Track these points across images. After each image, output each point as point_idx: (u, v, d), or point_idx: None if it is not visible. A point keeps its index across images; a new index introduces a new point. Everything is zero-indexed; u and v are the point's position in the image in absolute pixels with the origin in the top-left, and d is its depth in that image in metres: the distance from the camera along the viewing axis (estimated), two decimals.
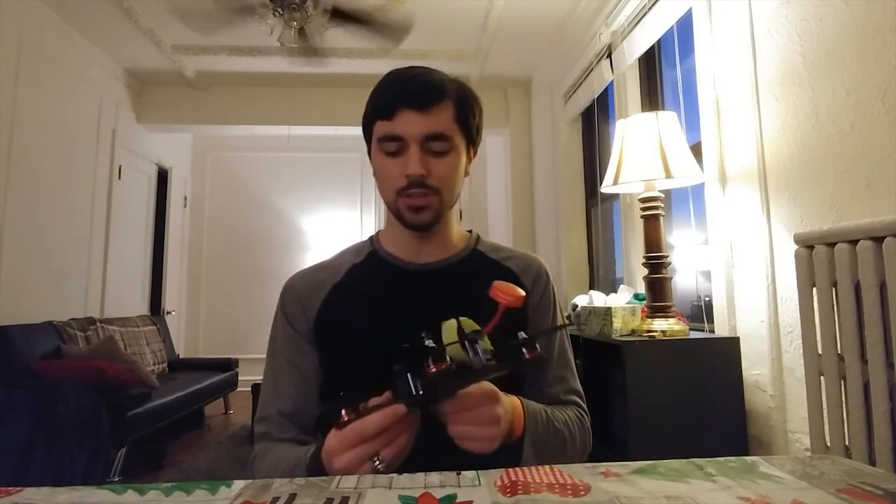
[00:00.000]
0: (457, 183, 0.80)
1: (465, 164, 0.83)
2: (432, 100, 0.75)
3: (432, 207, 0.77)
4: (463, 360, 0.55)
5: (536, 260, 0.90)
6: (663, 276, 1.69)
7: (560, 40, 3.47)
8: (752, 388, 1.63)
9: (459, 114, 0.77)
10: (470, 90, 0.82)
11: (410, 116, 0.74)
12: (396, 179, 0.76)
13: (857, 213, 1.27)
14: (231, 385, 4.21)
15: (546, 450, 0.73)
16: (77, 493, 0.45)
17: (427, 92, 0.75)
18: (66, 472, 2.32)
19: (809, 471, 0.48)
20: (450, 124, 0.76)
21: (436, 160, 0.76)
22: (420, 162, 0.74)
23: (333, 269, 0.85)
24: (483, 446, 0.62)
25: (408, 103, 0.74)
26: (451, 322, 0.59)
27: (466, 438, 0.61)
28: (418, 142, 0.74)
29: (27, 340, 2.78)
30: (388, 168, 0.77)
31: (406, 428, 0.57)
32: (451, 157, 0.77)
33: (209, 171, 5.55)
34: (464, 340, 0.56)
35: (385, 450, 0.55)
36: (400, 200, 0.77)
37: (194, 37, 3.50)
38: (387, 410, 0.54)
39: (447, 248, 0.85)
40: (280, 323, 0.84)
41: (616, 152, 1.78)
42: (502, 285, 0.61)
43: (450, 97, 0.76)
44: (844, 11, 1.31)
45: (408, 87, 0.76)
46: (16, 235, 2.93)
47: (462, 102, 0.78)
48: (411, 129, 0.74)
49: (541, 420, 0.74)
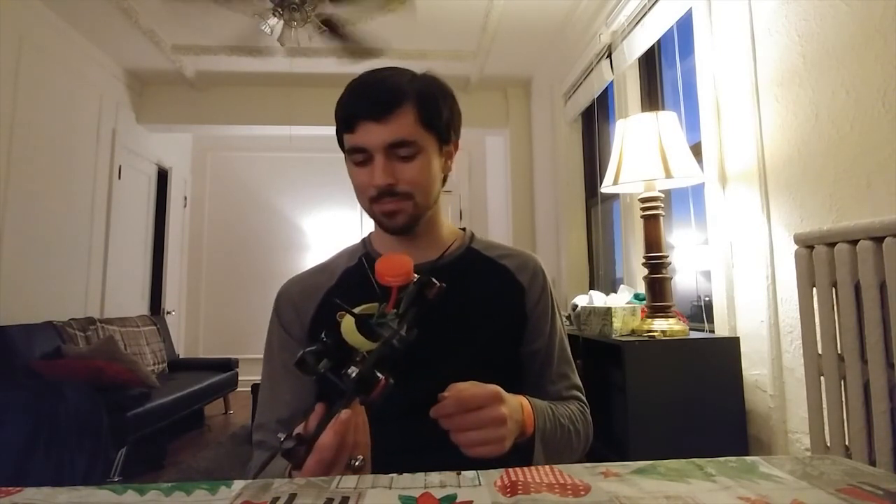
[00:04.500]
0: (430, 184, 0.78)
1: (443, 162, 0.82)
2: (390, 107, 0.73)
3: (405, 212, 0.77)
4: (379, 345, 0.53)
5: (533, 258, 0.89)
6: (663, 276, 1.69)
7: (560, 40, 3.47)
8: (752, 388, 1.63)
9: (423, 115, 0.75)
10: (437, 85, 0.79)
11: (370, 127, 0.73)
12: (367, 189, 0.76)
13: (857, 213, 1.27)
14: (231, 385, 4.21)
15: (555, 446, 0.73)
16: (77, 493, 0.45)
17: (384, 101, 0.73)
18: (66, 472, 2.32)
19: (809, 471, 0.48)
20: (412, 129, 0.74)
21: (403, 165, 0.75)
22: (385, 171, 0.73)
23: (328, 273, 0.85)
24: (493, 449, 0.61)
25: (365, 114, 0.73)
26: (346, 319, 0.57)
27: (475, 444, 0.61)
28: (382, 151, 0.73)
29: (27, 340, 2.78)
30: (358, 178, 0.77)
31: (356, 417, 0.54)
32: (419, 161, 0.75)
33: (209, 171, 5.55)
34: (367, 327, 0.55)
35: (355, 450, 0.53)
36: (374, 207, 0.78)
37: (194, 37, 3.51)
38: (334, 425, 0.50)
39: (438, 247, 0.84)
40: (275, 329, 0.84)
41: (616, 152, 1.78)
42: (385, 268, 0.59)
43: (409, 100, 0.74)
44: (844, 11, 1.31)
45: (364, 98, 0.75)
46: (16, 235, 2.93)
47: (425, 102, 0.76)
48: (372, 139, 0.73)
49: (548, 417, 0.74)
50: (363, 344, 0.54)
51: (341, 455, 0.51)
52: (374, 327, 0.55)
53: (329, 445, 0.50)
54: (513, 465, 0.51)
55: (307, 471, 0.50)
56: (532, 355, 0.84)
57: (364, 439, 0.55)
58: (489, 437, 0.61)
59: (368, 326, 0.55)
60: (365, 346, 0.54)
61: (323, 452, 0.50)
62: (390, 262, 0.60)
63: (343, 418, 0.51)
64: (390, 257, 0.61)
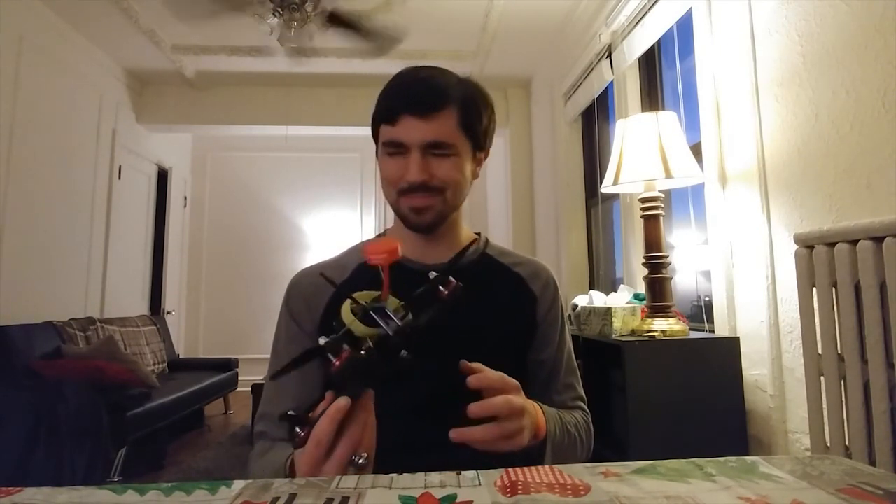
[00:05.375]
0: (462, 185, 0.79)
1: (473, 168, 0.82)
2: (435, 107, 0.74)
3: (434, 209, 0.77)
4: (376, 332, 0.53)
5: (545, 268, 0.89)
6: (663, 276, 1.69)
7: (560, 40, 3.47)
8: (752, 388, 1.63)
9: (464, 120, 0.76)
10: (479, 92, 0.80)
11: (412, 123, 0.74)
12: (399, 182, 0.76)
13: (857, 213, 1.27)
14: (231, 385, 4.21)
15: (562, 452, 0.74)
16: (77, 493, 0.45)
17: (430, 99, 0.74)
18: (66, 472, 2.32)
19: (809, 471, 0.48)
20: (452, 132, 0.75)
21: (438, 162, 0.75)
22: (421, 167, 0.74)
23: (340, 268, 0.84)
24: (512, 443, 0.61)
25: (410, 110, 0.74)
26: (345, 304, 0.56)
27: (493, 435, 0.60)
28: (420, 148, 0.74)
29: (27, 340, 2.78)
30: (391, 170, 0.77)
31: (364, 414, 0.54)
32: (454, 160, 0.76)
33: (209, 171, 5.55)
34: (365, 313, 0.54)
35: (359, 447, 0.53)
36: (402, 201, 0.77)
37: (194, 37, 3.51)
38: (330, 411, 0.51)
39: (455, 250, 0.85)
40: (285, 321, 0.83)
41: (616, 152, 1.78)
42: (373, 248, 0.58)
43: (454, 103, 0.75)
44: (844, 11, 1.31)
45: (411, 93, 0.76)
46: (16, 235, 2.94)
47: (467, 108, 0.77)
48: (413, 135, 0.74)
49: (557, 423, 0.75)
50: (353, 324, 0.54)
51: (343, 446, 0.51)
52: (370, 312, 0.55)
53: (324, 429, 0.50)
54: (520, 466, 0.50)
55: (307, 455, 0.51)
56: (539, 364, 0.84)
57: (370, 439, 0.55)
58: (509, 429, 0.61)
59: (364, 310, 0.55)
60: (357, 329, 0.53)
61: (318, 436, 0.50)
62: (378, 243, 0.60)
63: (341, 405, 0.51)
64: (379, 239, 0.60)
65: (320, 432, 0.50)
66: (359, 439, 0.52)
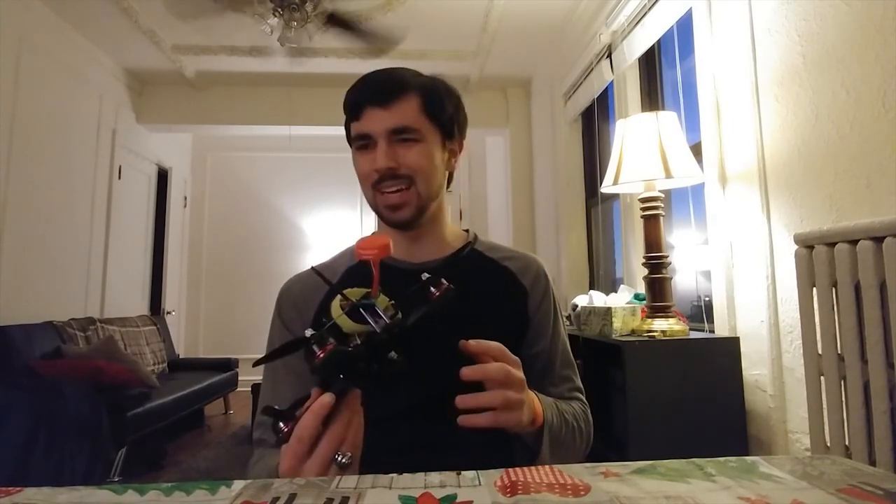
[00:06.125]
0: (431, 173, 0.79)
1: (447, 159, 0.82)
2: (395, 95, 0.75)
3: (410, 203, 0.77)
4: (363, 328, 0.53)
5: (535, 260, 0.89)
6: (663, 276, 1.69)
7: (560, 40, 3.47)
8: (752, 388, 1.63)
9: (427, 105, 0.77)
10: (443, 83, 0.82)
11: (375, 113, 0.75)
12: (370, 175, 0.77)
13: (857, 213, 1.27)
14: (231, 385, 4.21)
15: (560, 441, 0.73)
16: (77, 493, 0.45)
17: (389, 88, 0.76)
18: (66, 472, 2.32)
19: (809, 471, 0.48)
20: (415, 116, 0.76)
21: (405, 149, 0.76)
22: (387, 154, 0.75)
23: (330, 272, 0.84)
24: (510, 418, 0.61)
25: (371, 100, 0.76)
26: (335, 300, 0.56)
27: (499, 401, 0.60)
28: (385, 137, 0.75)
29: (27, 340, 2.78)
30: (361, 165, 0.79)
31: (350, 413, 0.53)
32: (420, 146, 0.77)
33: (209, 171, 5.56)
34: (354, 309, 0.54)
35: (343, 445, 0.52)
36: (377, 198, 0.78)
37: (194, 37, 3.51)
38: (314, 407, 0.50)
39: (443, 247, 0.84)
40: (277, 328, 0.83)
41: (616, 152, 1.78)
42: (363, 244, 0.58)
43: (414, 90, 0.77)
44: (844, 11, 1.31)
45: (371, 85, 0.77)
46: (16, 235, 2.94)
47: (429, 94, 0.78)
48: (376, 125, 0.75)
49: (554, 411, 0.74)
50: (340, 319, 0.53)
51: (326, 444, 0.51)
52: (359, 308, 0.55)
53: (306, 425, 0.50)
54: (520, 459, 0.50)
55: (289, 450, 0.51)
56: (534, 358, 0.84)
57: (355, 438, 0.54)
58: (512, 398, 0.61)
59: (353, 306, 0.55)
60: (345, 324, 0.53)
61: (301, 431, 0.50)
62: (369, 238, 0.60)
63: (325, 401, 0.50)
64: (370, 236, 0.61)
65: (303, 428, 0.50)
66: (342, 437, 0.52)
